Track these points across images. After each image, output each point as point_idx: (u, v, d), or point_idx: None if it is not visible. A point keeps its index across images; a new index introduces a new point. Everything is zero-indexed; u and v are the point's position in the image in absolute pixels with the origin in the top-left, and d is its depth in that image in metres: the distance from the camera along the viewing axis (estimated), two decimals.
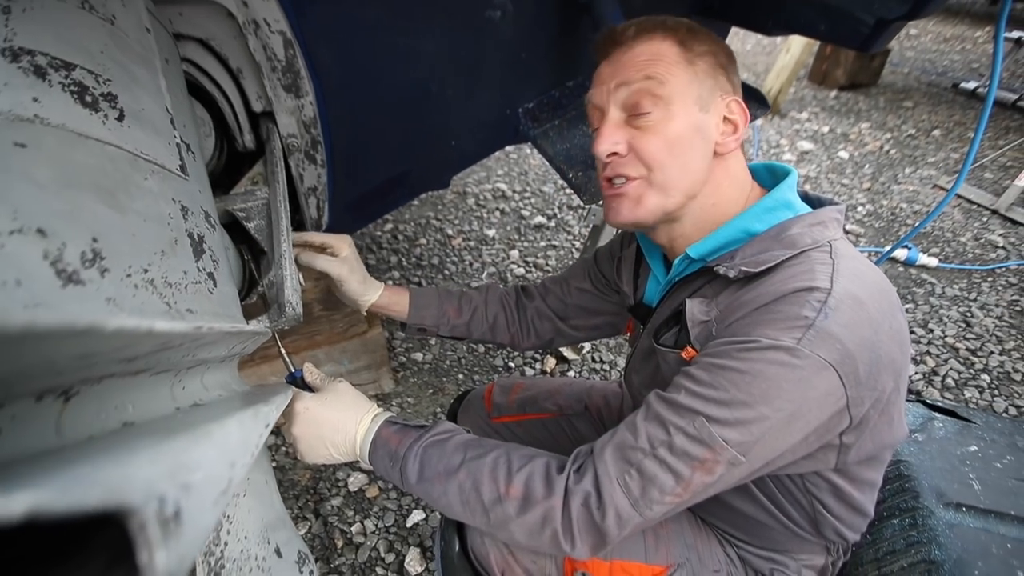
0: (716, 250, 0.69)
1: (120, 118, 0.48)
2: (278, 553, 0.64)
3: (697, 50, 0.67)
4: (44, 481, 0.17)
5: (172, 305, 0.44)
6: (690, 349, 0.66)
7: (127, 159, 0.46)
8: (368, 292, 0.95)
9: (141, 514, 0.19)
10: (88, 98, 0.45)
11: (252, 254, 0.82)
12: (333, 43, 0.92)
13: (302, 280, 0.84)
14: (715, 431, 0.54)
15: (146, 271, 0.42)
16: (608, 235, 1.67)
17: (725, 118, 0.68)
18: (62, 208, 0.35)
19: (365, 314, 0.98)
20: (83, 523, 0.25)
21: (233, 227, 0.80)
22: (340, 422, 0.72)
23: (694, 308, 0.67)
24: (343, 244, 0.92)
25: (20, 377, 0.24)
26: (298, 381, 0.80)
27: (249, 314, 0.71)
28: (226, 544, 0.56)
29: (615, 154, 0.69)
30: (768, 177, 0.75)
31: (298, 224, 1.13)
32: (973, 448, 1.05)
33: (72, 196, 0.37)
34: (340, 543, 1.33)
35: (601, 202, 1.26)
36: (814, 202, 0.72)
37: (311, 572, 0.69)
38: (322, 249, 0.91)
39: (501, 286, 1.06)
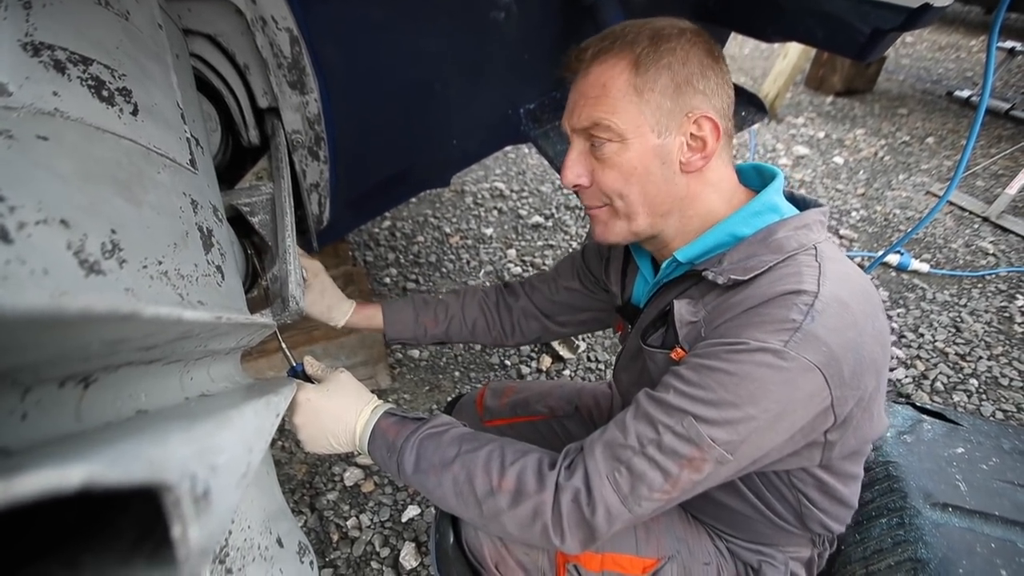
0: (703, 254, 0.70)
1: (135, 112, 0.49)
2: (279, 543, 0.65)
3: (652, 72, 0.63)
4: (92, 456, 0.18)
5: (184, 296, 0.45)
6: (679, 350, 0.67)
7: (141, 153, 0.47)
8: (335, 316, 0.96)
9: (176, 490, 0.20)
10: (105, 92, 0.46)
11: (254, 248, 0.83)
12: (339, 41, 0.93)
13: (305, 275, 0.85)
14: (703, 430, 0.56)
15: (160, 263, 0.43)
16: None
17: (693, 135, 0.66)
18: (83, 200, 0.36)
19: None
20: (107, 500, 0.26)
21: (236, 221, 0.81)
22: (341, 412, 0.73)
23: (682, 309, 0.67)
24: (313, 271, 0.92)
25: (53, 362, 0.25)
26: (299, 374, 0.81)
27: (251, 309, 0.72)
28: (230, 532, 0.56)
29: (579, 185, 0.71)
30: (756, 178, 0.75)
31: (299, 220, 1.14)
32: (960, 450, 1.07)
33: (92, 188, 0.38)
34: (336, 537, 1.34)
35: None
36: (799, 203, 0.72)
37: (311, 563, 0.70)
38: None
39: (480, 287, 1.06)
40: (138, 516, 0.24)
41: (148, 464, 0.18)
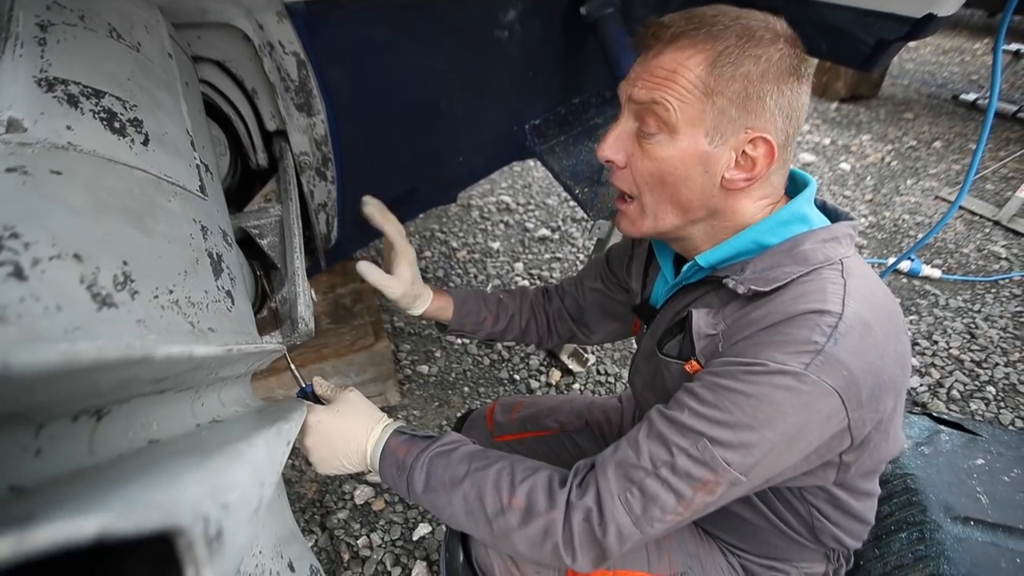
0: (725, 260, 0.68)
1: (145, 142, 0.50)
2: (291, 568, 0.65)
3: (727, 76, 0.59)
4: (105, 503, 0.18)
5: (195, 325, 0.45)
6: (694, 362, 0.66)
7: (152, 182, 0.48)
8: (416, 307, 0.94)
9: (189, 534, 0.20)
10: (116, 124, 0.46)
11: (263, 269, 0.83)
12: (344, 63, 0.94)
13: (314, 296, 0.86)
14: (718, 453, 0.55)
15: (171, 291, 0.43)
16: None
17: (745, 153, 0.62)
18: (95, 233, 0.37)
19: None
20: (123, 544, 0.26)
21: (245, 243, 0.82)
22: (351, 433, 0.73)
23: (700, 320, 0.66)
24: (404, 263, 0.88)
25: (66, 400, 0.26)
26: (309, 395, 0.81)
27: (261, 329, 0.72)
28: (242, 559, 0.56)
29: (612, 162, 0.68)
30: (789, 185, 0.73)
31: (307, 240, 1.14)
32: (980, 461, 1.05)
33: (104, 221, 0.38)
34: (346, 557, 1.33)
35: (606, 217, 1.28)
36: (830, 213, 0.71)
37: None
38: (390, 246, 0.89)
39: (528, 289, 1.07)
40: (150, 556, 0.24)
41: (161, 510, 0.18)
